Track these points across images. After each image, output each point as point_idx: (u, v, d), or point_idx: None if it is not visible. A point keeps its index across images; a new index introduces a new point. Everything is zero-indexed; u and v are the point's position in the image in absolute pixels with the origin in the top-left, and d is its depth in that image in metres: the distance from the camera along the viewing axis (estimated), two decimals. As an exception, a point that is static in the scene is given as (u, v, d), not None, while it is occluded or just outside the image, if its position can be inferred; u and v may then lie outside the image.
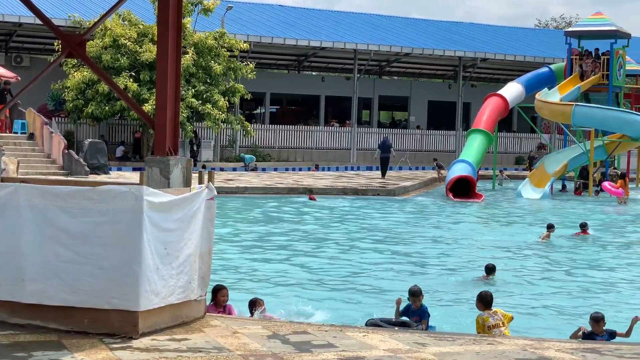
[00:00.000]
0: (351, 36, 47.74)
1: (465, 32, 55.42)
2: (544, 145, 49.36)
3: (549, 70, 38.78)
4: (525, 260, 17.47)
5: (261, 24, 47.00)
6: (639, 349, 8.67)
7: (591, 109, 33.03)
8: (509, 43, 53.57)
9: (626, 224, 24.64)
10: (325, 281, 14.65)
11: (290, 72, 56.14)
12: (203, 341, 8.05)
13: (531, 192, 31.95)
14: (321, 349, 7.86)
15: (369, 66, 51.61)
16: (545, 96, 33.92)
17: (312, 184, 31.40)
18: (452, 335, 9.05)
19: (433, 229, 22.43)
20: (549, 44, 53.24)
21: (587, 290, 14.57)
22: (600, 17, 37.40)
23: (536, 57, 49.26)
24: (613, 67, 35.87)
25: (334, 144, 47.19)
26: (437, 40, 50.60)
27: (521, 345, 8.47)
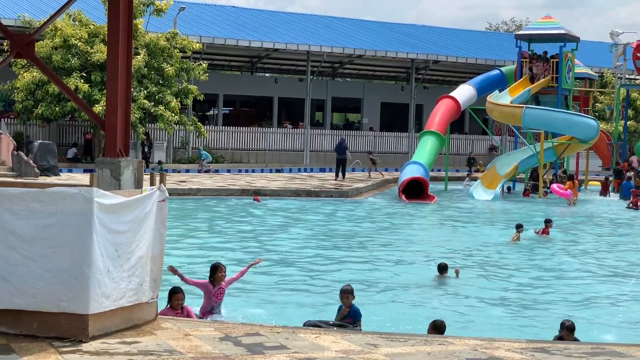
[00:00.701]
0: (304, 38, 47.78)
1: (417, 34, 55.78)
2: (495, 147, 49.89)
3: (500, 72, 39.17)
4: (481, 260, 17.61)
5: (214, 25, 46.83)
6: (587, 348, 8.79)
7: (541, 111, 33.44)
8: (461, 45, 54.03)
9: (576, 225, 24.94)
10: (275, 283, 14.61)
11: (243, 74, 56.03)
12: (154, 344, 7.99)
13: (483, 193, 32.25)
14: (273, 351, 7.86)
15: (322, 68, 51.72)
16: (496, 98, 34.25)
17: (265, 186, 31.37)
18: (404, 336, 9.10)
19: (386, 230, 22.52)
20: (500, 47, 53.80)
21: (539, 289, 14.72)
22: (549, 21, 37.87)
23: (487, 59, 49.75)
24: (562, 70, 36.33)
25: (287, 145, 47.17)
26: (390, 42, 50.86)
27: (472, 346, 8.54)
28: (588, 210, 29.68)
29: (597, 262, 17.93)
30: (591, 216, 27.66)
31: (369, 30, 54.23)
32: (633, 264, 17.84)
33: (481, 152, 51.79)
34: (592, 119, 34.07)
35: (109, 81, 9.16)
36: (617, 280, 15.67)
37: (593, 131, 33.06)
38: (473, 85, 37.68)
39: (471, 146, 51.98)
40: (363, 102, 54.85)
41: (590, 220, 26.36)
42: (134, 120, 34.23)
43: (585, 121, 33.43)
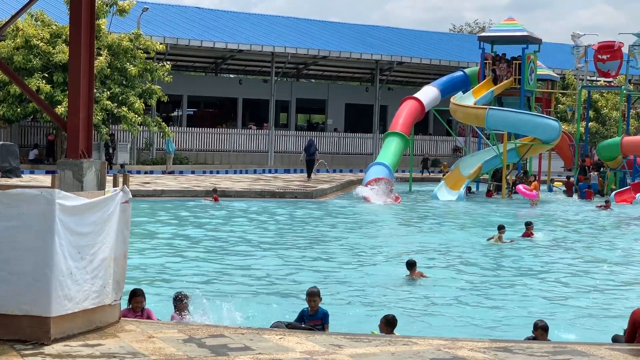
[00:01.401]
0: (269, 39, 47.73)
1: (382, 35, 55.96)
2: (459, 148, 50.20)
3: (464, 74, 39.42)
4: (447, 259, 17.69)
5: (178, 25, 46.63)
6: (549, 347, 8.88)
7: (504, 113, 33.70)
8: (425, 47, 54.31)
9: (544, 226, 25.16)
10: (239, 285, 14.57)
11: (207, 75, 55.85)
12: (117, 346, 7.94)
13: (446, 194, 32.44)
14: (238, 352, 7.84)
15: (287, 69, 51.70)
16: (460, 100, 34.47)
17: (230, 187, 31.29)
18: (368, 337, 9.12)
19: (351, 230, 22.55)
20: (464, 49, 54.16)
21: (506, 289, 14.83)
22: (512, 23, 38.18)
23: (451, 61, 50.06)
24: (525, 72, 36.65)
25: (252, 146, 47.12)
26: (354, 44, 50.98)
27: (435, 345, 8.59)
28: (555, 210, 29.93)
29: (564, 262, 18.08)
30: (557, 217, 27.89)
31: (334, 32, 54.33)
32: (599, 263, 18.03)
33: (445, 153, 52.13)
34: (554, 120, 34.41)
35: (70, 82, 9.09)
36: (582, 281, 15.82)
37: (555, 132, 33.39)
38: (437, 87, 37.89)
39: (435, 147, 52.30)
40: (327, 103, 54.92)
41: (557, 221, 26.58)
42: (96, 121, 33.98)
43: (548, 122, 33.75)
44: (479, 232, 22.97)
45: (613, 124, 48.29)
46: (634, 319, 9.24)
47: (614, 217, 27.95)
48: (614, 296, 14.40)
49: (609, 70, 38.77)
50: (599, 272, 16.85)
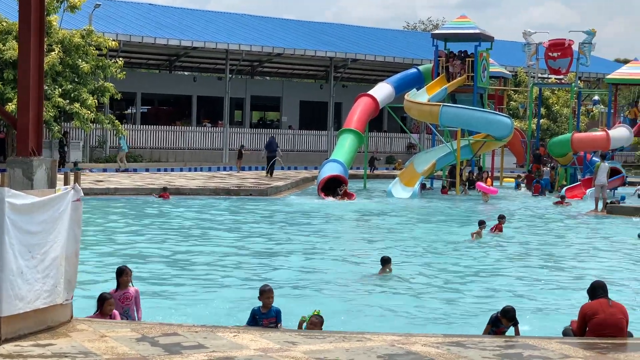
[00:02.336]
0: (223, 36, 47.58)
1: (336, 33, 56.07)
2: (414, 145, 50.48)
3: (418, 71, 39.62)
4: (405, 255, 17.72)
5: (131, 22, 46.28)
6: (500, 341, 8.98)
7: (457, 110, 33.93)
8: (379, 44, 54.52)
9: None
10: (196, 284, 14.50)
11: (161, 72, 55.51)
12: (69, 346, 7.87)
13: (401, 191, 32.58)
14: (191, 350, 7.82)
15: (241, 66, 51.59)
16: (414, 97, 34.64)
17: (184, 185, 31.14)
18: (322, 333, 9.15)
19: (306, 228, 22.57)
20: (417, 46, 54.47)
21: (466, 284, 14.93)
22: (464, 21, 38.45)
23: (405, 58, 50.32)
24: (478, 69, 36.96)
25: (206, 144, 46.94)
26: (309, 41, 51.02)
27: (389, 341, 8.64)
28: (510, 206, 30.20)
29: (519, 257, 18.25)
30: (512, 213, 28.16)
31: (288, 29, 54.31)
32: (551, 257, 18.23)
33: (400, 150, 52.40)
34: (506, 117, 34.74)
35: (20, 79, 8.98)
36: (535, 275, 15.98)
37: (507, 129, 33.72)
38: (391, 84, 38.03)
39: (390, 144, 52.54)
40: (282, 101, 54.91)
41: (513, 217, 26.83)
42: (48, 118, 33.58)
43: (500, 119, 34.06)
44: (437, 228, 23.16)
45: (564, 120, 48.97)
46: (584, 313, 9.39)
47: (571, 212, 28.27)
48: (564, 290, 14.58)
49: (560, 68, 39.24)
50: (551, 266, 17.05)
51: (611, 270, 16.61)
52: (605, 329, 9.18)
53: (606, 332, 9.17)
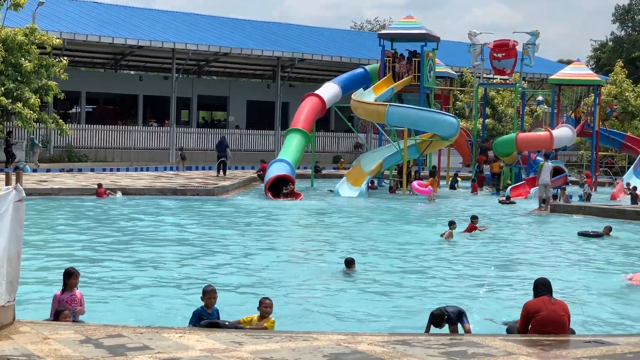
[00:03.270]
0: (169, 35, 47.25)
1: (283, 32, 56.04)
2: (361, 145, 50.66)
3: (364, 71, 39.78)
4: (357, 253, 17.77)
5: (75, 20, 45.72)
6: (445, 339, 9.06)
7: (404, 109, 34.14)
8: (326, 44, 54.62)
9: (435, 220, 25.61)
10: (143, 285, 14.38)
11: (106, 71, 54.96)
12: (11, 348, 7.74)
13: (348, 190, 32.68)
14: (136, 352, 7.75)
15: (188, 65, 51.31)
16: (361, 96, 34.77)
17: (130, 185, 30.87)
18: (269, 333, 9.15)
19: (253, 228, 22.51)
20: (364, 46, 54.70)
21: (415, 282, 15.03)
22: (411, 21, 38.70)
23: (352, 58, 50.48)
24: (424, 69, 37.23)
25: (153, 144, 46.58)
26: (256, 41, 50.92)
27: (335, 341, 8.66)
28: (454, 205, 30.47)
29: (467, 256, 18.43)
30: (454, 212, 28.42)
31: (235, 29, 54.15)
32: (502, 256, 18.44)
33: (347, 150, 52.55)
34: (452, 117, 35.03)
35: (-40, 77, 8.81)
36: (481, 273, 16.14)
37: (453, 129, 34.00)
38: (338, 84, 38.14)
39: (337, 144, 52.67)
40: (229, 100, 54.73)
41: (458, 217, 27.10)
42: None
43: (446, 119, 34.34)
44: (388, 227, 23.28)
45: (509, 120, 49.52)
46: (526, 311, 9.52)
47: (516, 211, 28.61)
48: (509, 288, 14.75)
49: (504, 68, 39.70)
50: (497, 265, 17.22)
51: (552, 267, 16.83)
52: (547, 326, 9.31)
53: (549, 329, 9.30)
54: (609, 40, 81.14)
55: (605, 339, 9.22)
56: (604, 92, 46.95)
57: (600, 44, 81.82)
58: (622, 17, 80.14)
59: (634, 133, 47.00)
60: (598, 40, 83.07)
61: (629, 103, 50.59)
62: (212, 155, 45.07)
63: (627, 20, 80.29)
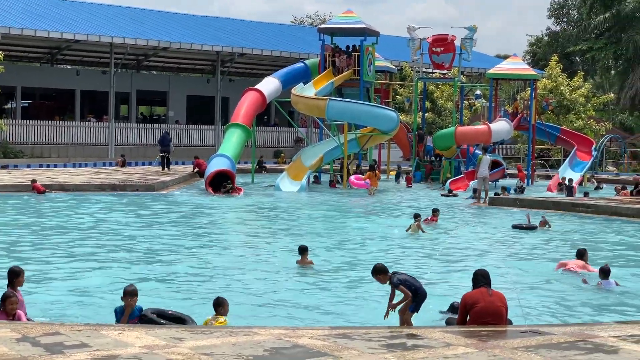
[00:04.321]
0: (107, 29, 46.66)
1: (223, 27, 55.77)
2: (301, 139, 50.70)
3: (304, 65, 39.80)
4: (294, 247, 17.82)
5: (9, 14, 44.86)
6: (386, 332, 9.12)
7: (344, 104, 34.27)
8: (266, 38, 54.49)
9: (379, 213, 25.76)
10: (78, 280, 14.20)
11: (42, 66, 54.08)
12: (-55, 349, 7.59)
13: (289, 185, 32.69)
14: (74, 350, 7.65)
15: (126, 60, 50.74)
16: (301, 91, 34.78)
17: (68, 181, 30.46)
18: (210, 329, 9.12)
19: (195, 222, 22.40)
20: (304, 40, 54.69)
21: (352, 277, 15.09)
22: (350, 15, 38.83)
23: (292, 52, 50.44)
24: (363, 63, 37.39)
25: (91, 139, 46.00)
26: (195, 35, 50.57)
27: (276, 335, 8.67)
28: (394, 199, 30.67)
29: (411, 248, 18.58)
30: (394, 205, 28.62)
31: (174, 22, 53.72)
32: (441, 249, 18.60)
33: (287, 144, 52.54)
34: (392, 111, 35.26)
35: None
36: (422, 266, 16.28)
37: (393, 123, 34.23)
38: (278, 78, 38.10)
39: (278, 138, 52.62)
40: (169, 95, 54.30)
41: (395, 209, 27.28)
42: None
43: (386, 113, 34.54)
44: (330, 220, 23.36)
45: (448, 114, 50.03)
46: (465, 302, 9.64)
47: (456, 204, 28.90)
48: (447, 281, 14.91)
49: (443, 63, 40.05)
50: (438, 257, 17.38)
51: (490, 258, 17.04)
52: (485, 317, 9.44)
53: (487, 320, 9.42)
54: (544, 35, 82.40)
55: (542, 328, 9.38)
56: (539, 86, 47.64)
57: (536, 38, 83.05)
58: (557, 13, 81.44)
59: (569, 127, 47.82)
60: (534, 35, 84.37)
61: (564, 97, 51.42)
62: (151, 151, 44.75)
63: (562, 15, 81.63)
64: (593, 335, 9.07)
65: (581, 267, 15.51)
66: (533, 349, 8.26)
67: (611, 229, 22.76)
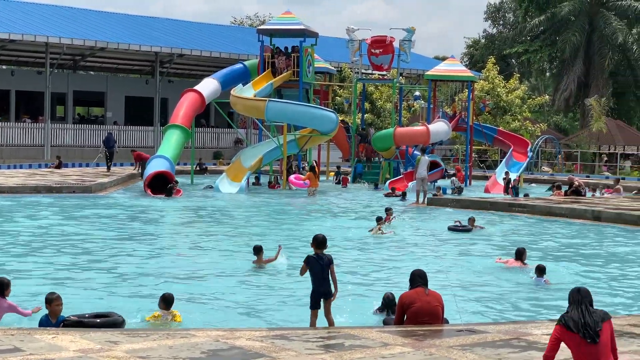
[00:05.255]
0: (42, 28, 45.96)
1: (162, 27, 55.34)
2: (241, 140, 50.55)
3: (244, 66, 39.69)
4: (237, 249, 17.75)
5: (-58, 13, 43.94)
6: (323, 332, 9.16)
7: (283, 105, 34.27)
8: (206, 39, 54.24)
9: (317, 214, 25.80)
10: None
11: (-24, 66, 53.05)
12: None
13: (228, 186, 32.59)
14: (7, 354, 7.54)
15: (63, 60, 50.03)
16: (240, 92, 34.68)
17: (2, 183, 29.89)
18: (146, 331, 9.06)
19: (133, 224, 22.17)
20: (244, 41, 54.54)
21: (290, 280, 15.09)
22: (289, 16, 38.86)
23: (231, 53, 50.27)
24: (303, 65, 37.44)
25: (26, 140, 45.25)
26: (134, 35, 50.10)
27: (214, 337, 8.65)
28: (331, 200, 30.75)
29: (357, 250, 18.62)
30: (328, 206, 28.69)
31: (112, 22, 53.15)
32: (364, 249, 18.69)
33: (227, 146, 52.35)
34: (331, 112, 35.36)
35: None
36: (355, 268, 16.34)
37: (333, 124, 34.32)
38: (217, 79, 37.96)
39: (217, 140, 52.40)
40: (107, 96, 53.68)
41: (328, 210, 27.36)
42: None
43: (325, 114, 34.63)
44: (273, 221, 23.35)
45: (387, 115, 50.31)
46: (402, 302, 9.71)
47: (397, 205, 29.05)
48: (385, 281, 15.00)
49: (382, 64, 40.27)
50: (362, 259, 17.44)
51: (428, 259, 17.20)
52: (422, 316, 9.53)
53: (423, 320, 9.52)
54: (481, 37, 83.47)
55: (477, 327, 9.51)
56: (477, 87, 48.22)
57: (473, 41, 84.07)
58: (494, 16, 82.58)
59: (506, 128, 48.49)
60: (471, 38, 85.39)
61: (500, 98, 52.12)
62: (88, 152, 44.25)
63: (498, 18, 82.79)
64: (526, 333, 9.23)
65: (519, 266, 15.96)
66: (468, 348, 8.38)
67: (546, 229, 23.14)
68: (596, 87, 62.41)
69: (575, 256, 18.33)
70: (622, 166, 53.06)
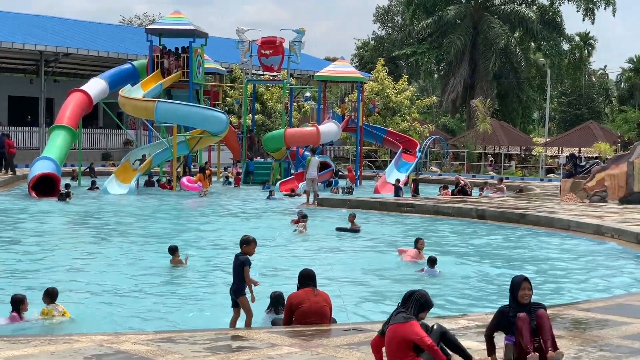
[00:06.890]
0: None
1: (47, 25, 53.99)
2: (130, 141, 49.80)
3: (132, 66, 39.14)
4: (128, 251, 17.45)
5: None
6: (211, 334, 9.10)
7: (173, 105, 33.94)
8: (93, 38, 53.20)
9: (205, 215, 25.67)
10: None
11: None
12: None
13: (117, 187, 32.10)
14: None
15: (-58, 58, 48.29)
16: (129, 92, 34.20)
17: None
18: (27, 337, 8.83)
19: (16, 227, 21.56)
20: (133, 41, 53.73)
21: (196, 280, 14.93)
22: (178, 16, 38.52)
23: (120, 53, 49.45)
24: (192, 65, 37.17)
25: None
26: (17, 34, 48.70)
27: (98, 341, 8.49)
28: (224, 200, 30.62)
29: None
30: (221, 207, 28.59)
31: (-6, 20, 51.54)
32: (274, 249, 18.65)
33: (116, 147, 51.49)
34: (221, 113, 35.21)
35: None
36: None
37: (223, 125, 34.18)
38: (105, 79, 37.34)
39: (106, 141, 51.49)
40: (-11, 96, 52.06)
41: (220, 210, 27.26)
42: None
43: (215, 115, 34.45)
44: (168, 222, 23.08)
45: (278, 116, 50.44)
46: (290, 303, 9.75)
47: (285, 206, 29.15)
48: (273, 281, 15.00)
49: (272, 65, 40.36)
50: (262, 258, 17.46)
51: (314, 259, 17.25)
52: (310, 316, 9.58)
53: (311, 320, 9.57)
54: (371, 39, 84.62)
55: (364, 326, 9.62)
56: (366, 88, 48.79)
57: (363, 42, 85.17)
58: (383, 18, 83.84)
59: (395, 128, 49.25)
60: (361, 39, 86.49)
61: (389, 99, 52.91)
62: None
63: (387, 20, 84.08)
64: (412, 330, 9.35)
65: (415, 255, 16.66)
66: (355, 346, 8.47)
67: (434, 227, 23.60)
68: (481, 89, 64.03)
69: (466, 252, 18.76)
70: (507, 166, 54.63)
